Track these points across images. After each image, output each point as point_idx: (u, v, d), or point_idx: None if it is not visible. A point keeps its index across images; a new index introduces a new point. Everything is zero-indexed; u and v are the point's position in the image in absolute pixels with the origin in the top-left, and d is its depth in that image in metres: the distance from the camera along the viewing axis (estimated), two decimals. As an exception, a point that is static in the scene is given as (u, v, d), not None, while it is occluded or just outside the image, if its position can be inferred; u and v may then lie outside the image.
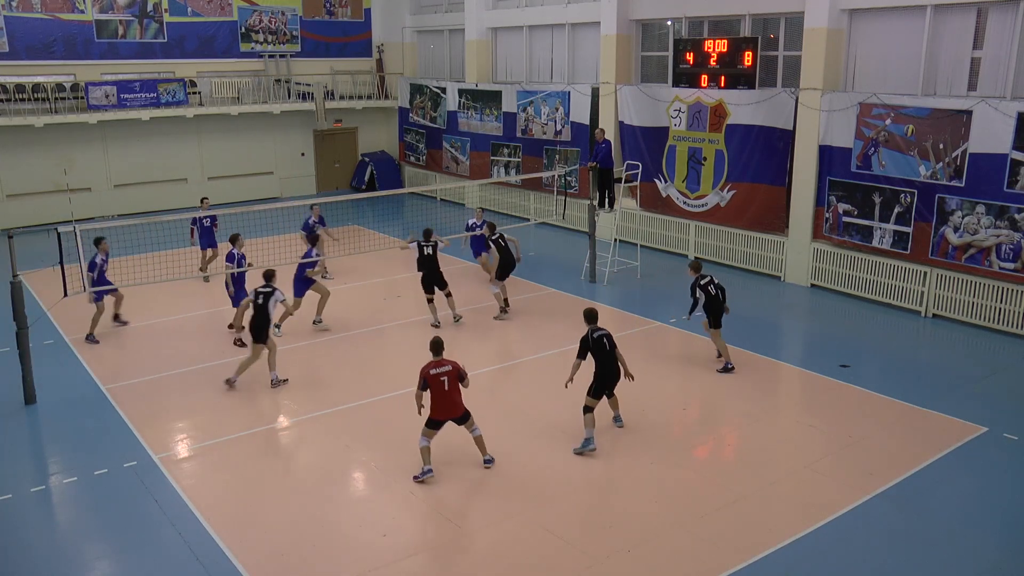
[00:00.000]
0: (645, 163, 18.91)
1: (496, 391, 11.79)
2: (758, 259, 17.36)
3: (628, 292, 16.27)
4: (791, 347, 14.09)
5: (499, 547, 8.05)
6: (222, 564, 7.79)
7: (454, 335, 13.59)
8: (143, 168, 24.02)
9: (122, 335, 13.99)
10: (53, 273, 11.87)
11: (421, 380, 9.09)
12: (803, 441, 10.25)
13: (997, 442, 10.05)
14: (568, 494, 9.06)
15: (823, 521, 8.36)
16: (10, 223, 19.94)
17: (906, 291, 14.93)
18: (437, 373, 9.07)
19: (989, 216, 13.52)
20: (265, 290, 11.52)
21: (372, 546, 8.12)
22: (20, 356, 11.13)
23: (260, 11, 25.80)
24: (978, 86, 14.13)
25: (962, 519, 8.48)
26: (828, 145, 15.66)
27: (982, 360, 12.97)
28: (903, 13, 14.91)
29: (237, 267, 13.37)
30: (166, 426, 10.64)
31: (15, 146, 22.03)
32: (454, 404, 9.21)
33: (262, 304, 11.44)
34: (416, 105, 26.44)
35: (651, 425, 10.53)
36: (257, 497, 8.95)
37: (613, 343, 9.89)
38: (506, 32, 23.87)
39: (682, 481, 9.27)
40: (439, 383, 9.06)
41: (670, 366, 12.73)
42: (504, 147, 23.22)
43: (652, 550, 7.96)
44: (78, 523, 8.73)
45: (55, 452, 10.25)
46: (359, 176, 27.61)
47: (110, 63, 23.51)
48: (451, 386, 9.10)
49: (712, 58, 17.45)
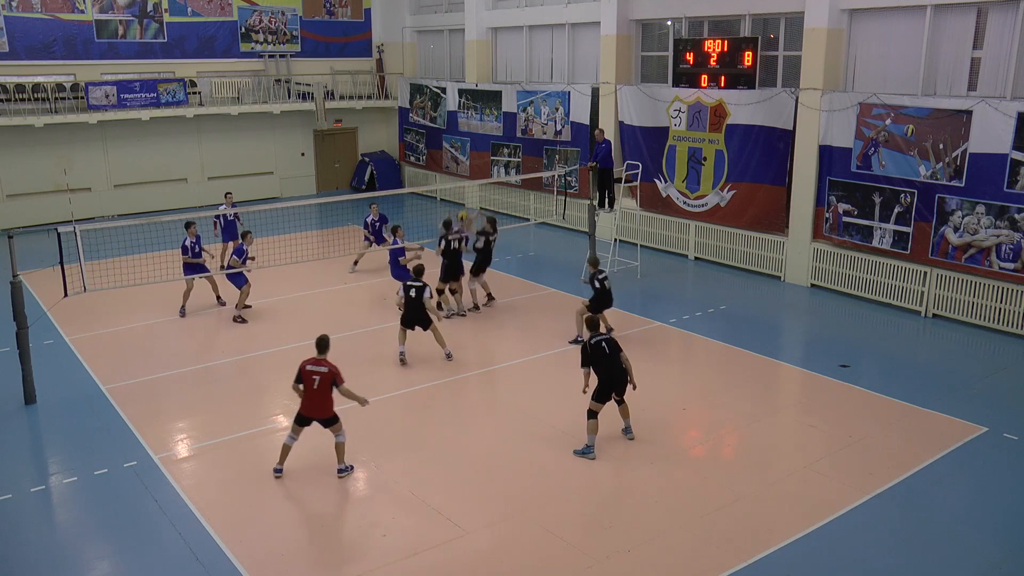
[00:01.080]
0: (645, 163, 18.91)
1: (496, 391, 11.80)
2: (758, 259, 17.36)
3: (628, 292, 16.26)
4: (791, 347, 14.09)
5: (499, 547, 8.05)
6: (222, 564, 7.79)
7: (456, 334, 13.59)
8: (143, 168, 24.01)
9: (122, 335, 13.98)
10: (53, 273, 11.87)
11: (297, 373, 9.15)
12: (803, 441, 10.25)
13: (997, 442, 10.05)
14: (568, 494, 9.06)
15: (823, 521, 8.37)
16: (10, 223, 19.96)
17: (906, 291, 14.93)
18: (312, 371, 9.10)
19: (989, 216, 13.52)
20: (416, 284, 12.40)
21: (372, 546, 8.12)
22: (20, 356, 11.13)
23: (260, 11, 25.80)
24: (978, 86, 14.13)
25: (962, 519, 8.48)
26: (828, 145, 15.66)
27: (982, 360, 12.97)
28: (903, 13, 14.91)
29: (243, 262, 14.23)
30: (166, 426, 10.65)
31: (15, 146, 22.03)
32: (322, 405, 9.18)
33: (415, 297, 12.33)
34: (416, 105, 26.44)
35: (651, 425, 10.52)
36: (257, 497, 8.95)
37: (616, 347, 9.76)
38: (506, 32, 23.87)
39: (682, 481, 9.27)
40: (311, 380, 9.08)
41: (670, 366, 12.73)
42: (504, 147, 23.21)
43: (652, 550, 7.96)
44: (78, 523, 8.73)
45: (55, 452, 10.25)
46: (359, 176, 27.61)
47: (110, 63, 23.50)
48: (321, 387, 9.07)
49: (712, 58, 17.45)
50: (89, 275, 12.04)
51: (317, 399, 9.12)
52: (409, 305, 12.38)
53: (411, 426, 10.59)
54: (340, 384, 9.13)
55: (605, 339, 9.75)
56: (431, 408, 11.30)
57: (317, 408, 9.19)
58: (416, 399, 11.42)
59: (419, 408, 11.23)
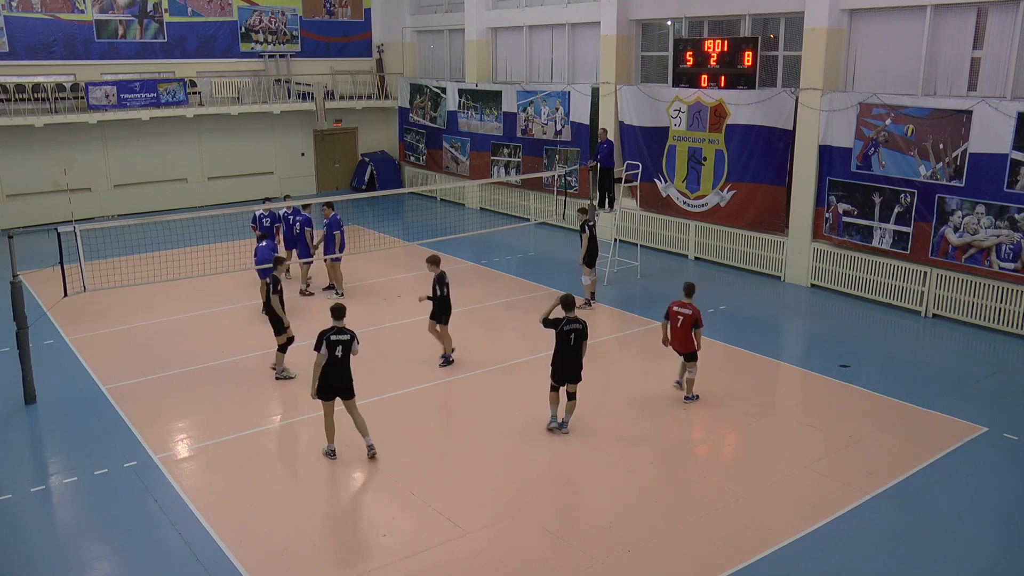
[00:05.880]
0: (645, 163, 18.91)
1: (496, 391, 11.79)
2: (758, 259, 17.36)
3: (628, 292, 16.27)
4: (791, 347, 14.09)
5: (499, 547, 8.04)
6: (222, 564, 7.79)
7: (456, 335, 13.59)
8: (143, 168, 24.02)
9: (122, 335, 13.97)
10: (53, 273, 11.87)
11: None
12: (803, 441, 10.25)
13: (997, 442, 10.05)
14: (568, 494, 9.06)
15: (823, 521, 8.37)
16: (10, 223, 19.98)
17: (906, 291, 14.93)
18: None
19: (989, 216, 13.52)
20: (342, 337, 9.47)
21: (372, 546, 8.13)
22: (20, 356, 11.13)
23: (260, 11, 25.80)
24: (978, 86, 14.13)
25: (962, 519, 8.48)
26: (828, 145, 15.66)
27: (982, 360, 12.97)
28: (903, 13, 14.91)
29: (260, 229, 14.98)
30: (166, 426, 10.64)
31: (15, 146, 22.03)
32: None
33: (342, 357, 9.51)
34: (416, 105, 26.44)
35: (651, 425, 10.53)
36: (257, 497, 8.95)
37: (582, 337, 9.79)
38: (506, 32, 23.87)
39: (682, 481, 9.27)
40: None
41: (670, 366, 12.71)
42: (504, 147, 23.21)
43: (652, 550, 7.96)
44: (78, 523, 8.72)
45: (55, 452, 10.24)
46: (359, 176, 27.61)
47: (110, 63, 23.51)
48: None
49: (712, 58, 17.45)
50: (89, 275, 12.03)
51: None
52: (335, 368, 9.40)
53: (411, 426, 10.59)
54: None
55: (575, 329, 9.75)
56: (431, 408, 11.30)
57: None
58: (416, 399, 11.42)
59: (419, 408, 11.23)
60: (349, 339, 9.37)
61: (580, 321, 9.87)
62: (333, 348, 9.27)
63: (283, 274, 11.98)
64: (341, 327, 9.38)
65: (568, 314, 9.82)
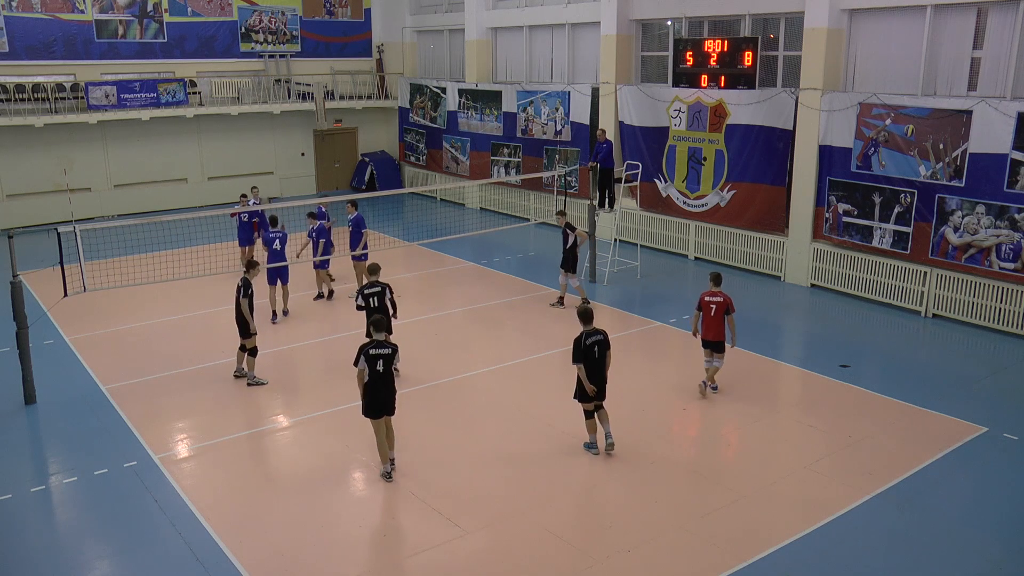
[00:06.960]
0: (645, 163, 18.91)
1: (496, 391, 11.79)
2: (758, 259, 17.37)
3: (628, 292, 16.27)
4: (791, 347, 14.09)
5: (499, 547, 8.04)
6: (222, 564, 7.78)
7: (456, 334, 13.60)
8: (143, 168, 24.03)
9: (122, 335, 13.97)
10: (53, 273, 11.87)
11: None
12: (803, 441, 10.25)
13: (997, 442, 10.05)
14: (568, 494, 9.06)
15: (823, 521, 8.36)
16: (10, 223, 19.99)
17: (906, 291, 14.93)
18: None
19: (989, 216, 13.52)
20: (383, 351, 9.22)
21: (372, 546, 8.12)
22: (20, 356, 11.13)
23: (260, 11, 25.80)
24: (978, 86, 14.13)
25: (962, 519, 8.48)
26: (828, 145, 15.66)
27: (982, 360, 12.97)
28: (903, 13, 14.91)
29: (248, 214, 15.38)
30: (166, 426, 10.64)
31: (15, 146, 22.04)
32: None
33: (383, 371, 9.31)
34: (416, 105, 26.45)
35: (651, 425, 10.53)
36: (257, 497, 8.95)
37: (605, 347, 9.55)
38: (506, 32, 23.87)
39: (682, 481, 9.27)
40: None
41: (670, 366, 12.73)
42: (504, 147, 23.22)
43: (652, 550, 7.96)
44: (78, 523, 8.72)
45: (55, 452, 10.24)
46: (359, 176, 27.61)
47: (110, 63, 23.52)
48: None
49: (712, 58, 17.45)
50: (89, 275, 12.04)
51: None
52: (380, 382, 9.11)
53: (411, 426, 10.58)
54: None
55: (598, 340, 9.49)
56: (431, 408, 11.29)
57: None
58: (416, 399, 11.42)
59: (418, 408, 11.22)
60: (391, 353, 9.03)
61: (601, 332, 9.56)
62: (373, 363, 8.93)
63: (254, 278, 11.89)
64: (381, 340, 9.06)
65: (586, 327, 9.51)
